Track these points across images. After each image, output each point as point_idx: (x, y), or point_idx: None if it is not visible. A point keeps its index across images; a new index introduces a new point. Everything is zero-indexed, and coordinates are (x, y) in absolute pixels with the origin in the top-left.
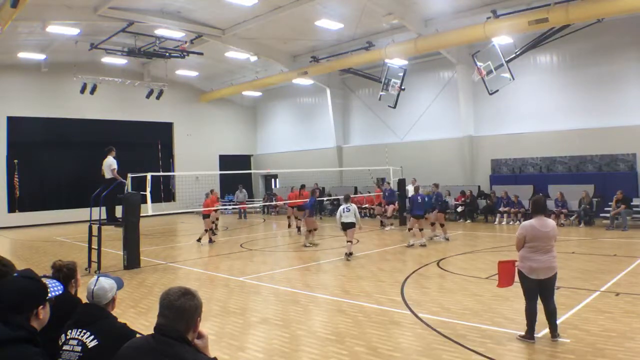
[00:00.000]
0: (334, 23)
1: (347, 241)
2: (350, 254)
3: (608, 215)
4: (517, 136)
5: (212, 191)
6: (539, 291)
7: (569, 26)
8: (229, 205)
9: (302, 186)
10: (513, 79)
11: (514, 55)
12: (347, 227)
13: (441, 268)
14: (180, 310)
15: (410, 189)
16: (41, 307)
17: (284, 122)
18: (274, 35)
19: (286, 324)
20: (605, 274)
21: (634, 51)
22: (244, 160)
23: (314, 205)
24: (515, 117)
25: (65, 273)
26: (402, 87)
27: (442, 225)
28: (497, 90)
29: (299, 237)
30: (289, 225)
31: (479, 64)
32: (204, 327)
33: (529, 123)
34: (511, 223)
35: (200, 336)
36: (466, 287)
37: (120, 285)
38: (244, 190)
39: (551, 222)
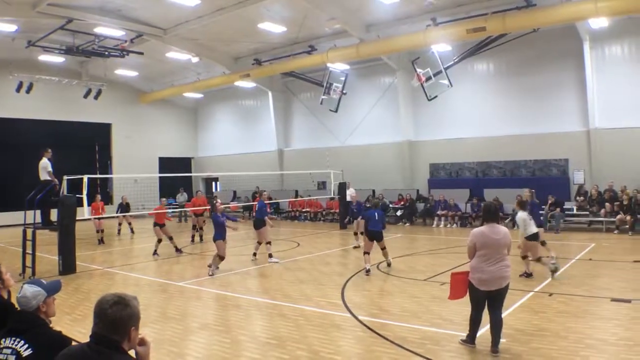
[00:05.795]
0: (277, 26)
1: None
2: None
3: (541, 218)
4: (455, 141)
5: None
6: (488, 302)
7: (506, 35)
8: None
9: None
10: (451, 85)
11: (453, 62)
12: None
13: (381, 271)
14: (111, 320)
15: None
16: None
17: (226, 125)
18: (216, 36)
19: (227, 329)
20: (539, 275)
21: (568, 60)
22: (184, 163)
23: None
24: (453, 123)
25: None
26: (344, 92)
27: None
28: (435, 96)
29: (239, 242)
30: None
31: (418, 70)
32: (142, 334)
33: (466, 128)
34: (448, 226)
35: (142, 343)
36: (405, 289)
37: (53, 289)
38: (185, 193)
39: (503, 229)
